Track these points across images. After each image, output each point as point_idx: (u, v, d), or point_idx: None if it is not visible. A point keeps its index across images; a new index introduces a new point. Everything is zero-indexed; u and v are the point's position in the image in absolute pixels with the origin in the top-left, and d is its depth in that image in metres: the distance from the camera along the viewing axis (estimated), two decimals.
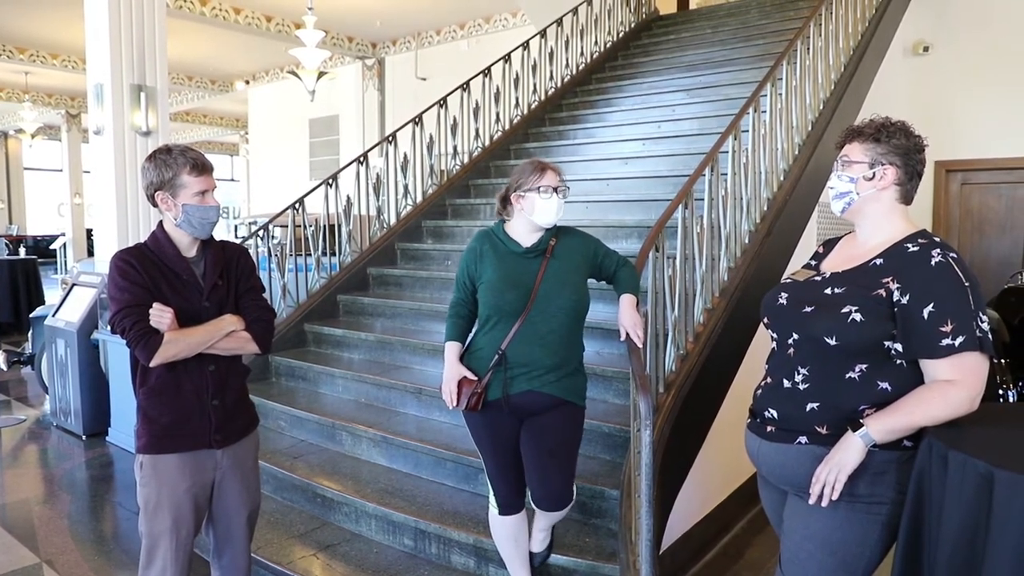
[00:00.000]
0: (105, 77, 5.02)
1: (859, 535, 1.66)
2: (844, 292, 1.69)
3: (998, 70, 5.84)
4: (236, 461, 2.21)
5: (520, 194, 2.31)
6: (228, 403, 2.17)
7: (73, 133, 14.85)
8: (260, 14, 9.27)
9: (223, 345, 2.11)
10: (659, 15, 7.87)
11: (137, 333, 1.98)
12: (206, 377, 2.11)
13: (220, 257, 2.19)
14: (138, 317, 1.99)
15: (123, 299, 2.01)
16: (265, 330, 2.20)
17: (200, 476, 2.14)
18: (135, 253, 2.09)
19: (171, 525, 2.09)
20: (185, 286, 2.10)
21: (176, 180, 2.06)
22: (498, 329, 2.28)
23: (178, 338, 2.01)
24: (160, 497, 2.09)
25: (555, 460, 2.33)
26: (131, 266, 2.04)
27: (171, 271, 2.09)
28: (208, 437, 2.13)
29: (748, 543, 3.45)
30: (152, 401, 2.09)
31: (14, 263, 9.18)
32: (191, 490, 2.12)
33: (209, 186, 2.11)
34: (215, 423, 2.13)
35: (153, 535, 2.11)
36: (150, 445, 2.10)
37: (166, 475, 2.09)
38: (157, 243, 2.12)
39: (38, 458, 4.82)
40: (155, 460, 2.10)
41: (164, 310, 2.00)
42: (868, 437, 1.58)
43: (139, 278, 2.03)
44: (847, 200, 1.76)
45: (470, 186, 5.71)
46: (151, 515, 2.10)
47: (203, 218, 2.10)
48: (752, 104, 3.56)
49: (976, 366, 1.57)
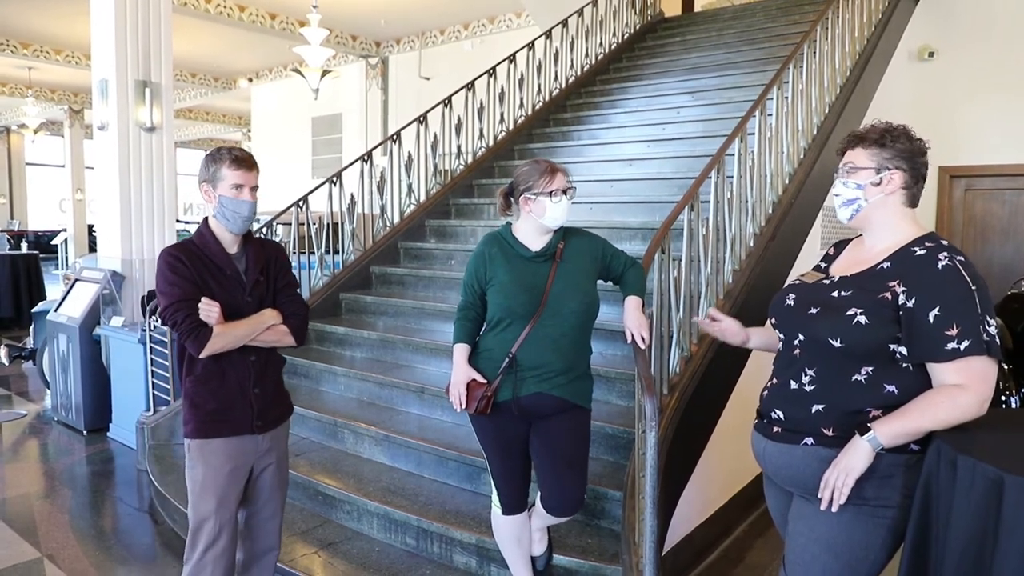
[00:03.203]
0: (110, 73, 5.02)
1: (864, 538, 1.66)
2: (850, 295, 1.69)
3: (1003, 76, 5.84)
4: (274, 445, 2.33)
5: (529, 197, 2.28)
6: (267, 391, 2.30)
7: (75, 129, 14.86)
8: (264, 11, 9.27)
9: (263, 338, 2.22)
10: (664, 17, 7.86)
11: (189, 326, 2.09)
12: (247, 367, 2.23)
13: (260, 254, 2.30)
14: (189, 311, 2.09)
15: (174, 293, 2.11)
16: (301, 324, 2.32)
17: (242, 459, 2.25)
18: (183, 249, 2.19)
19: (215, 507, 2.20)
20: (229, 281, 2.21)
21: (217, 172, 2.18)
22: (509, 331, 2.26)
23: (226, 331, 2.13)
24: (205, 479, 2.20)
25: (573, 471, 2.34)
26: (180, 262, 2.14)
27: (216, 267, 2.20)
28: (250, 423, 2.25)
29: (749, 546, 3.44)
30: (198, 389, 2.21)
31: (16, 258, 9.19)
32: (234, 472, 2.23)
33: (247, 182, 2.19)
34: (256, 410, 2.25)
35: (199, 516, 2.22)
36: (197, 430, 2.21)
37: (212, 458, 2.21)
38: (203, 239, 2.22)
39: (39, 453, 4.82)
40: (202, 444, 2.21)
41: (212, 305, 2.10)
42: (876, 441, 1.58)
43: (188, 273, 2.13)
44: (855, 207, 1.75)
45: (474, 186, 5.70)
46: (197, 497, 2.21)
47: (235, 211, 2.18)
48: (758, 107, 3.56)
49: (984, 370, 1.57)
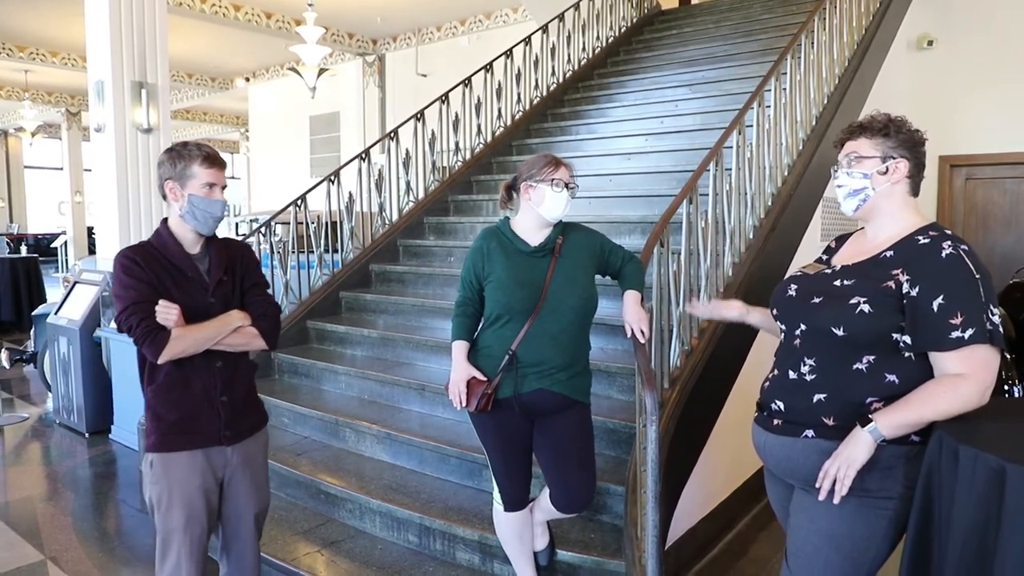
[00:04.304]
0: (106, 74, 5.00)
1: (866, 530, 1.65)
2: (853, 284, 1.68)
3: (1003, 64, 5.81)
4: (246, 458, 2.19)
5: (531, 184, 2.29)
6: (237, 399, 2.16)
7: (73, 131, 14.83)
8: (260, 11, 9.25)
9: (230, 341, 2.09)
10: (661, 10, 7.84)
11: (144, 330, 1.96)
12: (214, 373, 2.10)
13: (224, 254, 2.17)
14: (144, 314, 1.97)
15: (128, 296, 1.99)
16: (272, 325, 2.19)
17: (211, 473, 2.12)
18: (139, 251, 2.08)
19: (184, 522, 2.07)
20: (190, 283, 2.08)
21: (187, 170, 2.06)
22: (508, 328, 2.26)
23: (185, 334, 1.99)
24: (172, 494, 2.07)
25: (584, 470, 2.35)
26: (136, 263, 2.02)
27: (176, 268, 2.07)
28: (218, 434, 2.11)
29: (753, 539, 3.44)
30: (161, 398, 2.07)
31: (15, 261, 9.19)
32: (202, 487, 2.10)
33: (218, 181, 2.09)
34: (224, 419, 2.12)
35: (167, 531, 2.09)
36: (160, 443, 2.08)
37: (177, 472, 2.07)
38: (161, 240, 2.11)
39: (41, 456, 4.82)
40: (165, 458, 2.08)
41: (170, 306, 1.97)
42: (877, 432, 1.57)
43: (144, 275, 2.01)
44: (862, 196, 1.73)
45: (472, 182, 5.69)
46: (164, 513, 2.08)
47: (207, 211, 2.08)
48: (756, 99, 3.54)
49: (986, 359, 1.56)
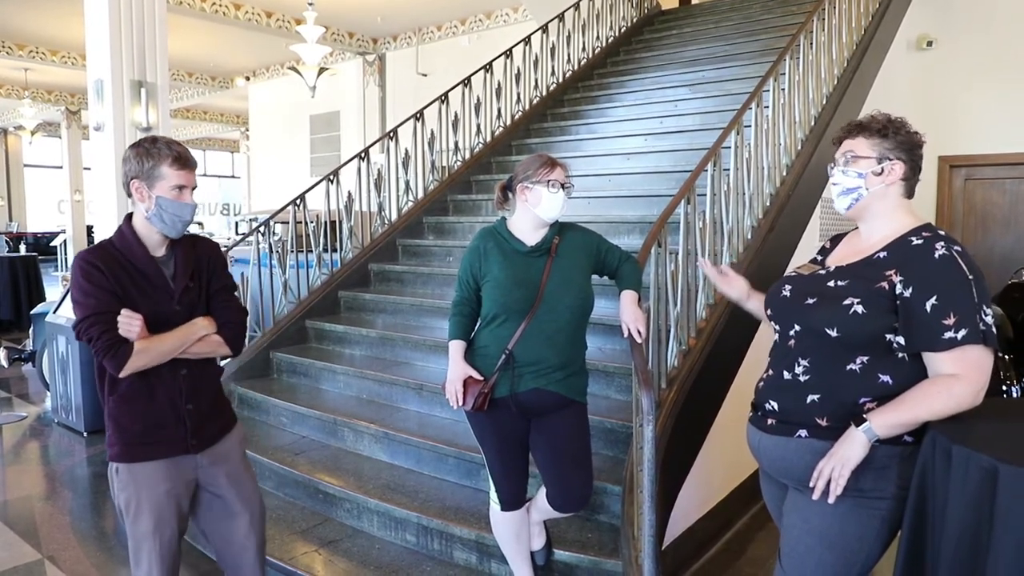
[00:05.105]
0: (105, 73, 5.01)
1: (859, 530, 1.66)
2: (847, 285, 1.68)
3: (1003, 65, 5.81)
4: (217, 459, 2.11)
5: (527, 185, 2.30)
6: (203, 406, 2.08)
7: (73, 130, 14.86)
8: (260, 10, 9.26)
9: (195, 349, 2.00)
10: (661, 10, 7.84)
11: (106, 343, 1.86)
12: (179, 382, 2.01)
13: (190, 256, 2.06)
14: (106, 326, 1.86)
15: (89, 305, 1.88)
16: (237, 333, 2.10)
17: (180, 478, 2.05)
18: (100, 254, 1.95)
19: (153, 528, 2.00)
20: (155, 289, 1.98)
21: (155, 170, 1.94)
22: (504, 327, 2.26)
23: (149, 347, 1.90)
24: (140, 501, 2.00)
25: (583, 469, 2.36)
26: (97, 269, 1.90)
27: (140, 272, 1.97)
28: (184, 442, 2.04)
29: (750, 539, 3.44)
30: (123, 409, 1.99)
31: (14, 260, 9.19)
32: (171, 492, 2.02)
33: (188, 183, 1.98)
34: (190, 428, 2.04)
35: (137, 538, 2.02)
36: (123, 454, 2.01)
37: (144, 479, 2.00)
38: (124, 241, 1.98)
39: (39, 455, 4.82)
40: (130, 468, 2.01)
41: (133, 317, 1.87)
42: (871, 432, 1.57)
43: (105, 282, 1.90)
44: (855, 196, 1.73)
45: (471, 182, 5.69)
46: (132, 519, 2.01)
47: (176, 214, 1.96)
48: (755, 99, 3.54)
49: (979, 360, 1.56)
